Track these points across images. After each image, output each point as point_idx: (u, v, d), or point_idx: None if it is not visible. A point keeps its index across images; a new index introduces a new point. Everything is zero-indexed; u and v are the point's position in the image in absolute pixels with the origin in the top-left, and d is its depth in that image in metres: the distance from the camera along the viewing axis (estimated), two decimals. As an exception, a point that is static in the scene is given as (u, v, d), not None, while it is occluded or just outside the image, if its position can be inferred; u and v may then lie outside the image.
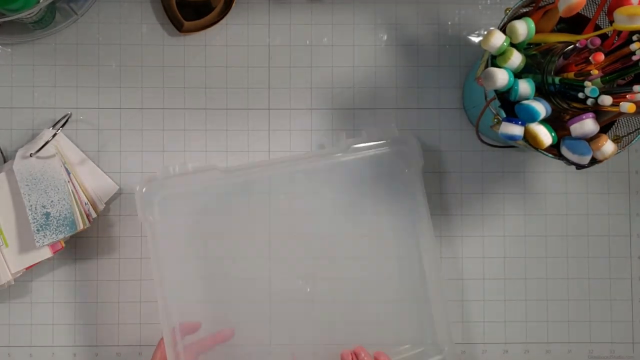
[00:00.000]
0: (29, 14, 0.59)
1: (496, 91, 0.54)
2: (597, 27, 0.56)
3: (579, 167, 0.53)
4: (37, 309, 0.65)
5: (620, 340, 0.67)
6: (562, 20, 0.56)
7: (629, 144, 0.55)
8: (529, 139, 0.53)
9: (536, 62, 0.54)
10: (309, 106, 0.67)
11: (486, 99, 0.57)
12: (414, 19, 0.67)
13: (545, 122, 0.53)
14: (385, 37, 0.67)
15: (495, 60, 0.54)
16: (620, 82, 0.54)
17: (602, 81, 0.50)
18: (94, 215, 0.63)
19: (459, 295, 0.67)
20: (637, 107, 0.48)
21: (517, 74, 0.54)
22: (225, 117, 0.66)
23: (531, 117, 0.52)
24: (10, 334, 0.65)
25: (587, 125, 0.52)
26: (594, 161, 0.53)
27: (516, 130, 0.52)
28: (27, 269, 0.61)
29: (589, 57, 0.50)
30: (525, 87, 0.52)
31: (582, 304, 0.67)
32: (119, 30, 0.66)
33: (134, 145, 0.66)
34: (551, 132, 0.52)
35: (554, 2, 0.55)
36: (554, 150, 0.54)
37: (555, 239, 0.67)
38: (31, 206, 0.60)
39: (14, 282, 0.62)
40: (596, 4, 0.57)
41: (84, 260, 0.65)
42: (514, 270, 0.67)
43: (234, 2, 0.65)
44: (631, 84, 0.53)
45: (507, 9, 0.55)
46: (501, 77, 0.52)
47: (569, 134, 0.53)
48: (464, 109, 0.67)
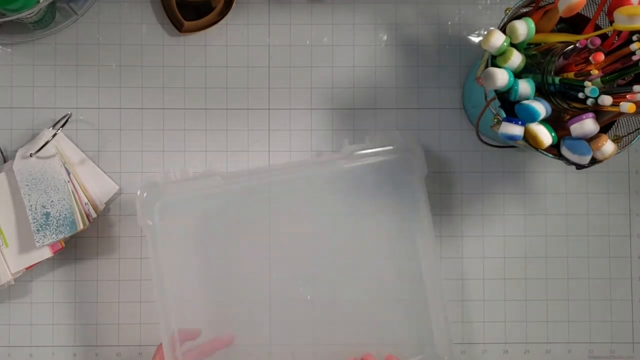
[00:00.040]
0: (29, 14, 0.59)
1: (496, 91, 0.54)
2: (597, 27, 0.56)
3: (579, 167, 0.53)
4: (37, 309, 0.65)
5: (620, 340, 0.67)
6: (562, 20, 0.56)
7: (629, 144, 0.55)
8: (529, 139, 0.53)
9: (536, 62, 0.54)
10: (309, 106, 0.67)
11: (486, 99, 0.57)
12: (414, 19, 0.67)
13: (545, 122, 0.53)
14: (385, 37, 0.67)
15: (495, 60, 0.54)
16: (620, 82, 0.54)
17: (602, 81, 0.50)
18: (94, 215, 0.63)
19: (459, 295, 0.67)
20: (637, 107, 0.48)
21: (517, 74, 0.54)
22: (225, 117, 0.66)
23: (531, 117, 0.52)
24: (10, 334, 0.65)
25: (587, 125, 0.52)
26: (594, 161, 0.53)
27: (516, 130, 0.52)
28: (27, 269, 0.61)
29: (589, 57, 0.50)
30: (525, 87, 0.52)
31: (582, 304, 0.67)
32: (119, 30, 0.66)
33: (134, 145, 0.66)
34: (551, 132, 0.52)
35: (554, 2, 0.55)
36: (554, 150, 0.54)
37: (555, 239, 0.67)
38: (31, 206, 0.60)
39: (14, 282, 0.62)
40: (596, 4, 0.57)
41: (84, 260, 0.65)
42: (514, 270, 0.67)
43: (234, 2, 0.65)
44: (631, 84, 0.53)
45: (507, 9, 0.55)
46: (501, 77, 0.52)
47: (569, 134, 0.53)
48: (464, 109, 0.67)
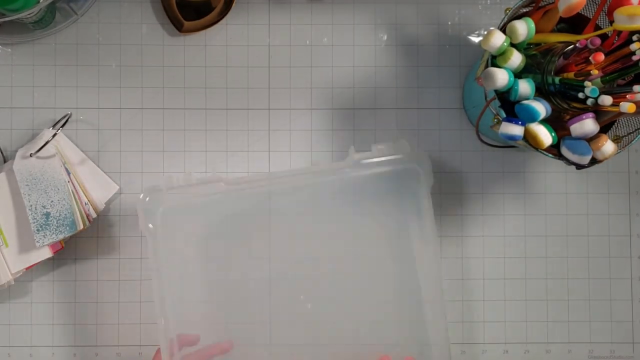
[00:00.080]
0: (29, 14, 0.59)
1: (496, 91, 0.54)
2: (597, 27, 0.56)
3: (579, 167, 0.53)
4: (37, 309, 0.65)
5: (620, 340, 0.67)
6: (562, 20, 0.56)
7: (629, 144, 0.55)
8: (529, 139, 0.53)
9: (536, 62, 0.54)
10: (309, 106, 0.67)
11: (486, 99, 0.57)
12: (414, 19, 0.67)
13: (545, 122, 0.53)
14: (385, 37, 0.67)
15: (495, 60, 0.54)
16: (620, 82, 0.54)
17: (602, 81, 0.50)
18: (94, 215, 0.63)
19: (459, 295, 0.67)
20: (637, 107, 0.48)
21: (517, 74, 0.54)
22: (225, 117, 0.66)
23: (531, 117, 0.52)
24: (10, 334, 0.65)
25: (587, 125, 0.52)
26: (594, 161, 0.53)
27: (516, 130, 0.52)
28: (27, 269, 0.61)
29: (589, 57, 0.50)
30: (525, 87, 0.52)
31: (582, 304, 0.67)
32: (119, 30, 0.66)
33: (134, 145, 0.66)
34: (551, 132, 0.52)
35: (554, 2, 0.55)
36: (554, 150, 0.54)
37: (555, 239, 0.67)
38: (31, 206, 0.60)
39: (14, 282, 0.62)
40: (596, 4, 0.57)
41: (84, 260, 0.65)
42: (514, 270, 0.67)
43: (234, 2, 0.65)
44: (631, 84, 0.53)
45: (507, 9, 0.55)
46: (501, 77, 0.52)
47: (569, 134, 0.53)
48: (464, 109, 0.67)
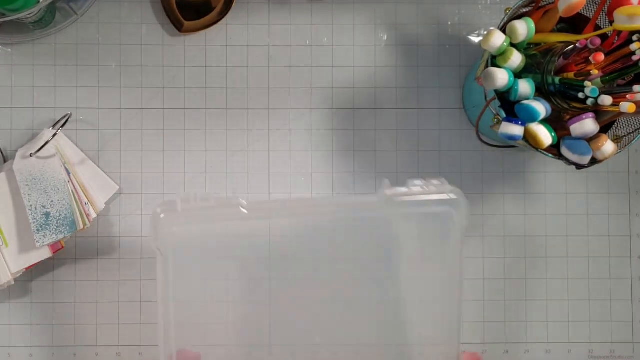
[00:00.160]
0: (29, 14, 0.59)
1: (496, 91, 0.54)
2: (597, 27, 0.56)
3: (579, 167, 0.53)
4: (37, 309, 0.65)
5: (620, 340, 0.67)
6: (562, 20, 0.56)
7: (629, 144, 0.55)
8: (529, 139, 0.53)
9: (536, 62, 0.54)
10: (309, 106, 0.67)
11: (486, 99, 0.57)
12: (414, 19, 0.67)
13: (545, 122, 0.53)
14: (385, 37, 0.67)
15: (495, 60, 0.54)
16: (620, 82, 0.54)
17: (602, 81, 0.50)
18: (94, 215, 0.63)
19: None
20: (637, 107, 0.48)
21: (517, 74, 0.54)
22: (225, 117, 0.66)
23: (531, 117, 0.52)
24: (10, 334, 0.65)
25: (587, 125, 0.52)
26: (594, 161, 0.53)
27: (516, 130, 0.52)
28: (27, 269, 0.61)
29: (589, 57, 0.50)
30: (525, 87, 0.52)
31: (582, 304, 0.67)
32: (119, 30, 0.66)
33: (134, 145, 0.66)
34: (551, 132, 0.52)
35: (554, 2, 0.55)
36: (554, 150, 0.54)
37: (555, 239, 0.67)
38: (31, 206, 0.60)
39: (14, 282, 0.62)
40: (596, 4, 0.57)
41: (84, 260, 0.65)
42: (514, 270, 0.67)
43: (234, 2, 0.65)
44: (631, 84, 0.53)
45: (507, 9, 0.55)
46: (501, 77, 0.52)
47: (569, 134, 0.53)
48: (464, 109, 0.67)
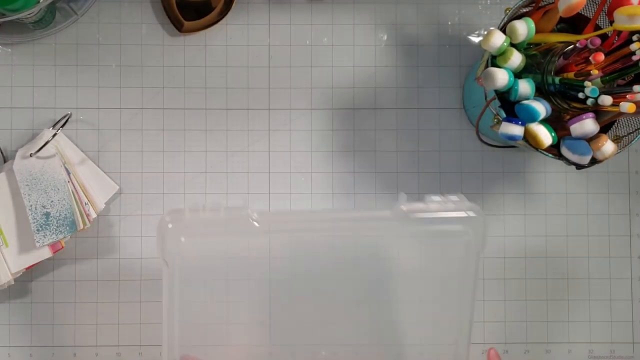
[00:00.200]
0: (29, 14, 0.59)
1: (496, 91, 0.54)
2: (597, 27, 0.56)
3: (579, 167, 0.53)
4: (37, 309, 0.65)
5: (620, 340, 0.67)
6: (562, 20, 0.56)
7: (629, 144, 0.55)
8: (529, 139, 0.53)
9: (536, 62, 0.54)
10: (309, 106, 0.67)
11: (486, 99, 0.57)
12: (414, 19, 0.67)
13: (545, 122, 0.53)
14: (385, 37, 0.67)
15: (495, 60, 0.54)
16: (620, 82, 0.54)
17: (602, 81, 0.50)
18: (94, 215, 0.63)
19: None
20: (637, 107, 0.48)
21: (517, 74, 0.54)
22: (225, 117, 0.66)
23: (531, 117, 0.52)
24: (10, 334, 0.65)
25: (587, 125, 0.52)
26: (594, 161, 0.53)
27: (516, 130, 0.52)
28: (27, 269, 0.61)
29: (589, 57, 0.50)
30: (525, 87, 0.52)
31: (582, 304, 0.67)
32: (119, 30, 0.66)
33: (134, 145, 0.66)
34: (551, 132, 0.52)
35: (554, 2, 0.55)
36: (554, 150, 0.54)
37: (555, 239, 0.67)
38: (31, 206, 0.60)
39: (14, 282, 0.62)
40: (596, 4, 0.57)
41: (84, 260, 0.65)
42: (514, 270, 0.67)
43: (234, 2, 0.65)
44: (631, 84, 0.53)
45: (507, 9, 0.55)
46: (501, 77, 0.52)
47: (569, 134, 0.53)
48: (464, 109, 0.67)
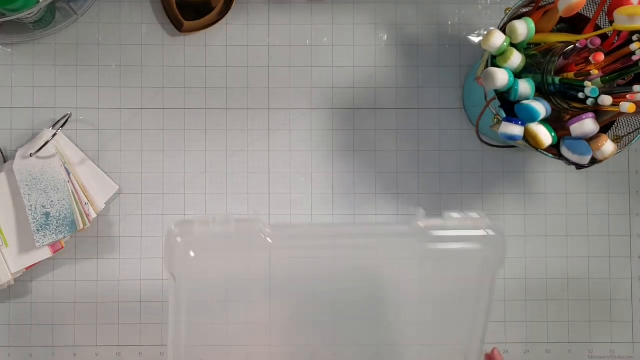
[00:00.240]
0: (29, 14, 0.59)
1: (496, 91, 0.54)
2: (597, 27, 0.56)
3: (579, 167, 0.53)
4: (37, 309, 0.65)
5: (620, 340, 0.67)
6: (562, 20, 0.56)
7: (629, 144, 0.55)
8: (529, 139, 0.53)
9: (536, 62, 0.54)
10: (309, 106, 0.67)
11: (486, 99, 0.57)
12: (414, 19, 0.67)
13: (545, 122, 0.53)
14: (385, 37, 0.67)
15: (495, 60, 0.54)
16: (620, 82, 0.54)
17: (602, 81, 0.50)
18: (94, 215, 0.63)
19: (459, 295, 0.67)
20: (637, 107, 0.48)
21: (517, 74, 0.54)
22: (225, 117, 0.66)
23: (531, 117, 0.52)
24: (10, 334, 0.65)
25: (587, 125, 0.52)
26: (594, 161, 0.53)
27: (516, 130, 0.52)
28: (27, 269, 0.61)
29: (589, 57, 0.50)
30: (525, 87, 0.52)
31: (582, 304, 0.67)
32: (119, 30, 0.66)
33: (134, 145, 0.66)
34: (551, 132, 0.52)
35: (554, 2, 0.55)
36: (554, 150, 0.54)
37: (555, 239, 0.67)
38: (31, 206, 0.60)
39: (14, 282, 0.62)
40: (596, 4, 0.57)
41: (84, 260, 0.65)
42: (514, 270, 0.67)
43: (234, 2, 0.65)
44: (631, 84, 0.53)
45: (507, 9, 0.55)
46: (501, 77, 0.52)
47: (569, 134, 0.53)
48: (464, 109, 0.67)
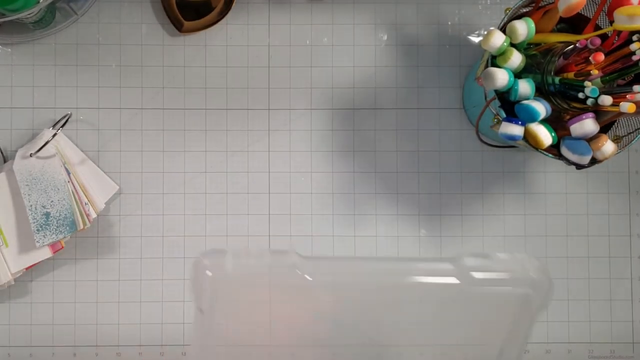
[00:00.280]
0: (29, 14, 0.59)
1: (496, 91, 0.54)
2: (597, 27, 0.56)
3: (579, 167, 0.53)
4: (37, 309, 0.65)
5: (620, 340, 0.67)
6: (562, 20, 0.56)
7: (629, 144, 0.55)
8: (529, 139, 0.53)
9: (536, 62, 0.54)
10: (309, 106, 0.67)
11: (486, 99, 0.57)
12: (414, 19, 0.67)
13: (545, 122, 0.53)
14: (385, 37, 0.67)
15: (495, 60, 0.54)
16: (620, 82, 0.54)
17: (602, 81, 0.50)
18: (94, 215, 0.63)
19: (459, 295, 0.67)
20: (637, 107, 0.48)
21: (517, 74, 0.54)
22: (225, 117, 0.66)
23: (531, 117, 0.52)
24: (10, 334, 0.65)
25: (587, 125, 0.52)
26: (594, 161, 0.53)
27: (516, 130, 0.52)
28: (27, 269, 0.61)
29: (589, 57, 0.50)
30: (525, 87, 0.52)
31: (582, 304, 0.67)
32: (119, 30, 0.66)
33: (134, 145, 0.66)
34: (551, 132, 0.52)
35: (554, 2, 0.55)
36: (554, 150, 0.54)
37: (555, 239, 0.67)
38: (31, 206, 0.60)
39: (14, 282, 0.62)
40: (596, 4, 0.57)
41: (84, 260, 0.65)
42: (514, 270, 0.67)
43: (234, 2, 0.65)
44: (631, 84, 0.53)
45: (507, 9, 0.55)
46: (501, 77, 0.52)
47: (569, 134, 0.53)
48: (464, 109, 0.67)
